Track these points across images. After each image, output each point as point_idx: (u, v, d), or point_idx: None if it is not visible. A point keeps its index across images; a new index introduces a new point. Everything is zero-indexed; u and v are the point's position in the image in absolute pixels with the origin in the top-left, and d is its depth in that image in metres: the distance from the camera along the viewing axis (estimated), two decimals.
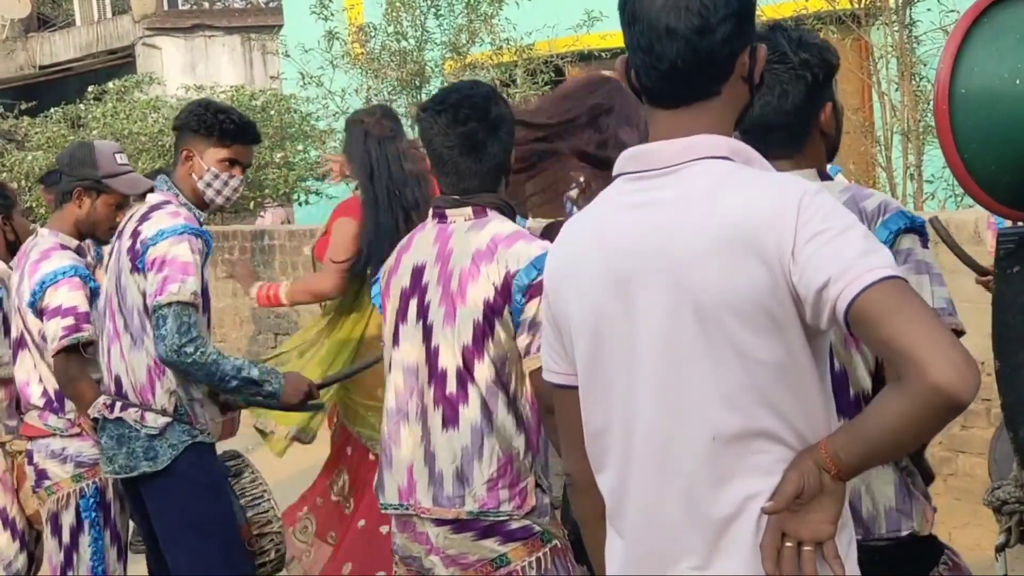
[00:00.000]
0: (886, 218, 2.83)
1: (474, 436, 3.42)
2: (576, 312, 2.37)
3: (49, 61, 21.89)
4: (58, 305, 4.78)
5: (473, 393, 3.42)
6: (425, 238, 3.57)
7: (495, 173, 3.52)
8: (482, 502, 3.41)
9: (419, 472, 3.49)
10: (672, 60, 2.25)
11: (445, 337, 3.45)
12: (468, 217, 3.50)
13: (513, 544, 3.43)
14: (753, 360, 2.17)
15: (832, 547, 2.15)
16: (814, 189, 2.19)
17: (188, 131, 4.60)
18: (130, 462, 4.48)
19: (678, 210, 2.24)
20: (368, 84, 12.12)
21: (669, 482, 2.25)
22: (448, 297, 3.46)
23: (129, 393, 4.49)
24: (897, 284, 2.07)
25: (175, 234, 4.40)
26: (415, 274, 3.55)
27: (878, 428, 2.09)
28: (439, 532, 3.47)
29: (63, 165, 5.05)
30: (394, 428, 3.56)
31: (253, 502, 4.66)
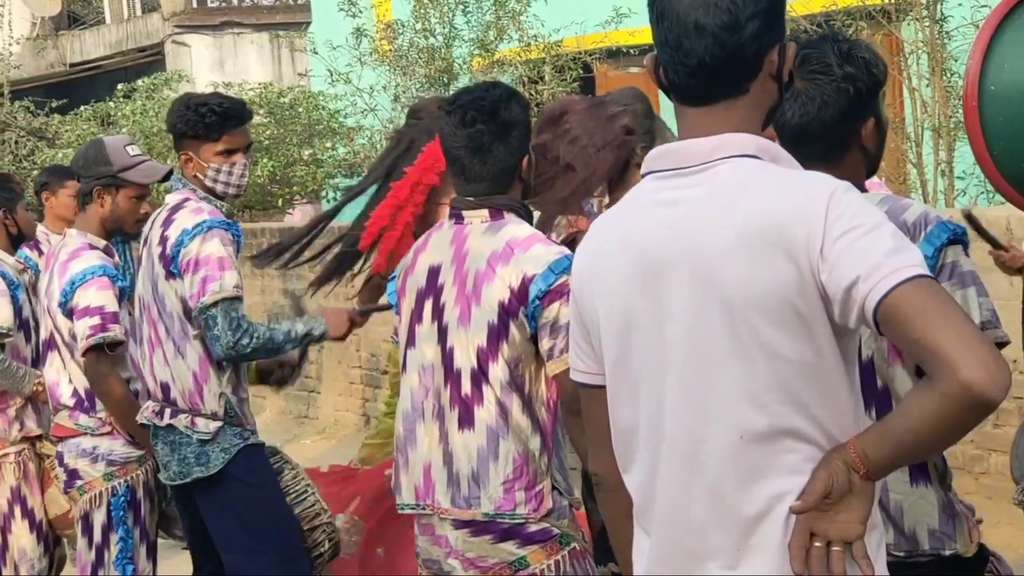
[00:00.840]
0: (929, 232, 2.80)
1: (490, 437, 3.42)
2: (604, 310, 2.37)
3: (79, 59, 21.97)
4: (87, 305, 4.79)
5: (488, 394, 3.42)
6: (442, 239, 3.57)
7: (504, 176, 3.50)
8: (498, 504, 3.41)
9: (437, 472, 3.49)
10: (700, 57, 2.25)
11: (460, 338, 3.45)
12: (485, 219, 3.49)
13: (532, 547, 3.42)
14: (781, 358, 2.16)
15: (861, 547, 2.14)
16: (843, 187, 2.18)
17: (179, 134, 4.61)
18: (183, 468, 4.50)
19: (706, 208, 2.23)
20: (396, 81, 12.12)
21: (697, 481, 2.24)
22: (463, 298, 3.46)
23: (178, 399, 4.50)
24: (926, 283, 2.06)
25: (202, 232, 4.41)
26: (431, 274, 3.54)
27: (908, 428, 2.08)
28: (458, 535, 3.47)
29: (78, 168, 5.05)
30: (410, 428, 3.56)
31: (298, 498, 4.67)
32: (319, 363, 10.66)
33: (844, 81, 2.87)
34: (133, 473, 4.91)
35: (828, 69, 2.88)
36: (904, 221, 2.80)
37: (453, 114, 3.49)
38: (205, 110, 4.56)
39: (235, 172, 4.61)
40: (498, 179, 3.50)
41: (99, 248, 4.95)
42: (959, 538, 2.89)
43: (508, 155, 3.48)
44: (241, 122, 4.66)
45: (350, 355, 10.27)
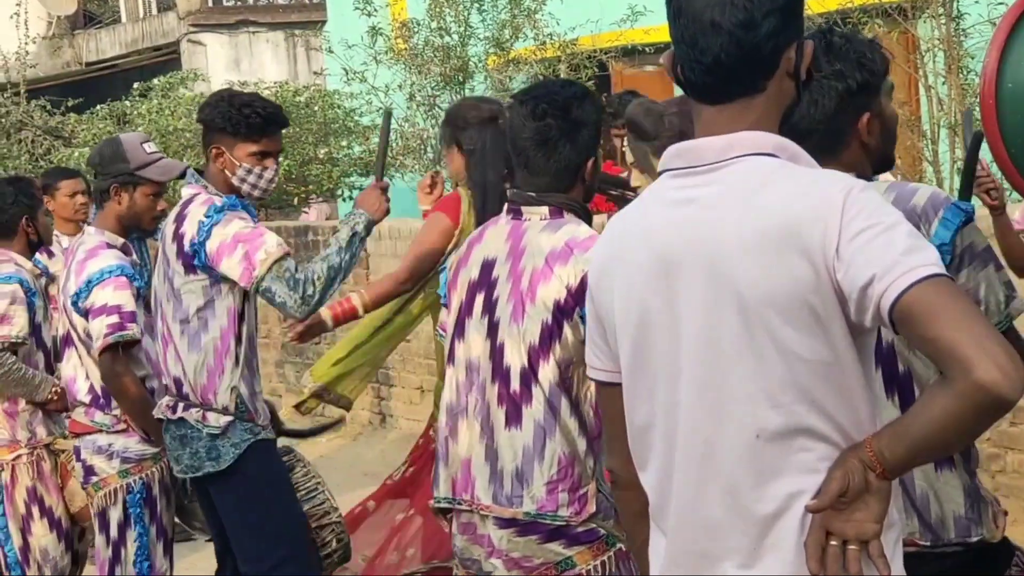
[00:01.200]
0: (942, 216, 2.79)
1: (536, 436, 3.38)
2: (620, 308, 2.37)
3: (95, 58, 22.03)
4: (104, 303, 4.80)
5: (537, 393, 3.38)
6: (497, 233, 3.53)
7: (567, 175, 3.45)
8: (540, 504, 3.37)
9: (478, 468, 3.46)
10: (716, 55, 2.24)
11: (511, 335, 3.42)
12: (544, 216, 3.45)
13: (578, 547, 3.39)
14: (796, 357, 2.16)
15: (878, 546, 2.13)
16: (860, 185, 2.18)
17: (215, 128, 4.59)
18: (194, 462, 4.51)
19: (722, 206, 2.23)
20: (411, 80, 12.13)
21: (712, 479, 2.24)
22: (518, 294, 3.42)
23: (190, 394, 4.51)
24: (942, 282, 2.06)
25: (219, 217, 4.41)
26: (484, 268, 3.51)
27: (924, 427, 2.08)
28: (503, 535, 3.43)
29: (95, 165, 5.05)
30: (452, 422, 3.53)
31: (308, 495, 4.68)
32: None
33: (833, 78, 2.86)
34: (148, 470, 4.92)
35: (815, 65, 2.87)
36: (914, 206, 2.81)
37: (524, 105, 3.44)
38: (249, 111, 4.55)
39: (265, 176, 4.61)
40: (560, 176, 3.45)
41: (116, 246, 4.96)
42: (984, 524, 2.89)
43: (574, 154, 3.43)
44: (281, 128, 4.68)
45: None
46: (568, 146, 3.42)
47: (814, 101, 2.85)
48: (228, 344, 4.48)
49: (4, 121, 17.79)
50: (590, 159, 3.46)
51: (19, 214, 5.53)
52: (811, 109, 2.85)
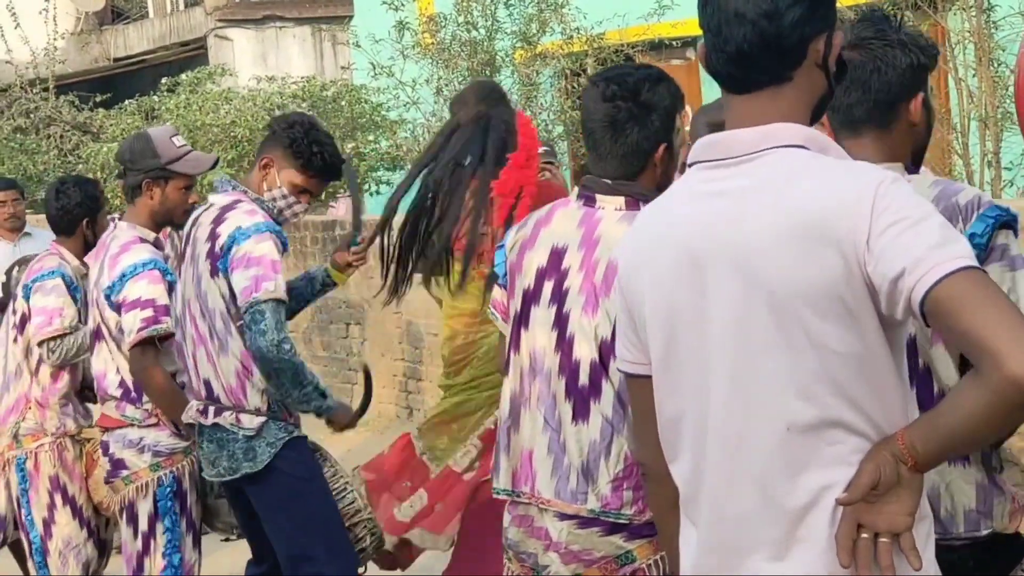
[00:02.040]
0: (983, 211, 2.77)
1: (604, 433, 3.29)
2: (650, 301, 2.36)
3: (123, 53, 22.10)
4: (137, 297, 4.81)
5: (607, 389, 3.29)
6: (568, 217, 3.40)
7: (635, 159, 3.31)
8: (605, 501, 3.30)
9: (540, 462, 3.38)
10: (739, 43, 2.24)
11: (582, 327, 3.31)
12: (620, 207, 3.33)
13: (640, 541, 3.31)
14: (827, 350, 2.15)
15: (909, 539, 2.13)
16: (891, 178, 2.17)
17: (279, 143, 4.62)
18: (232, 464, 4.53)
19: (752, 199, 2.22)
20: (438, 74, 12.14)
21: (743, 472, 2.24)
22: (590, 287, 3.31)
23: (221, 396, 4.52)
24: (973, 275, 2.05)
25: (258, 232, 4.43)
26: (554, 255, 3.39)
27: (955, 420, 2.07)
28: (563, 527, 3.36)
29: (125, 160, 5.05)
30: (515, 412, 3.45)
31: (338, 495, 4.69)
32: (361, 356, 10.69)
33: (898, 47, 2.85)
34: (179, 464, 4.94)
35: (883, 34, 2.86)
36: (956, 202, 2.78)
37: (596, 86, 3.34)
38: (319, 150, 4.63)
39: (296, 208, 4.67)
40: (628, 160, 3.32)
41: (149, 241, 4.97)
42: (996, 518, 2.86)
43: (642, 138, 3.30)
44: (335, 179, 4.79)
45: (393, 348, 10.30)
46: (637, 130, 3.29)
47: (877, 69, 2.84)
48: None
49: (33, 116, 17.89)
50: (661, 144, 3.32)
51: (81, 216, 5.59)
52: (872, 77, 2.84)
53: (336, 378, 11.05)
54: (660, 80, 3.33)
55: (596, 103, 3.32)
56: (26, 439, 5.47)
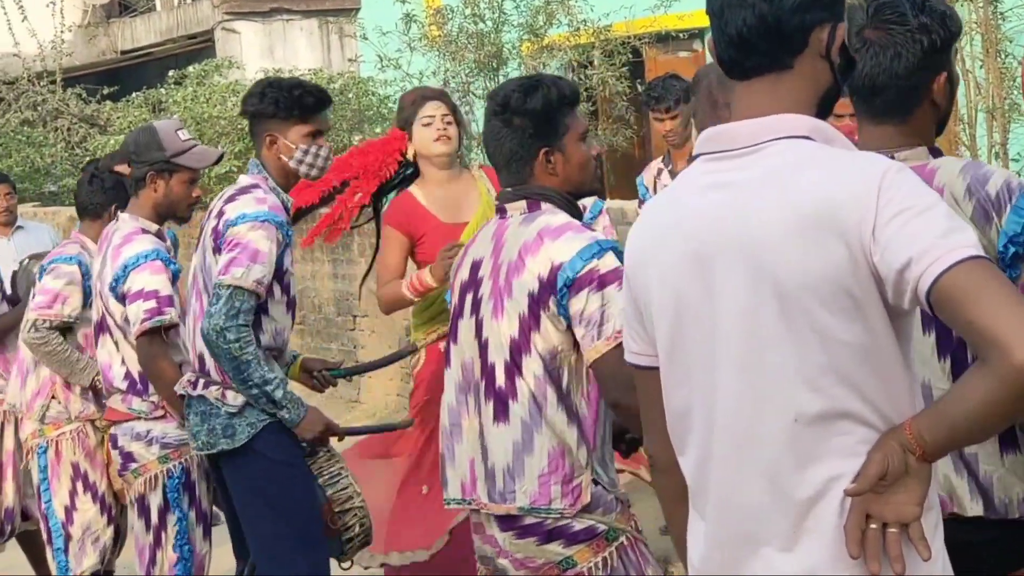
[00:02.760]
0: (1016, 203, 2.77)
1: (524, 431, 3.37)
2: (656, 293, 2.37)
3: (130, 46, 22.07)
4: (140, 288, 4.82)
5: (522, 387, 3.37)
6: (487, 233, 3.56)
7: (515, 166, 3.48)
8: (533, 497, 3.36)
9: (478, 467, 3.46)
10: (739, 26, 2.26)
11: (493, 331, 3.43)
12: (523, 211, 3.47)
13: (578, 546, 3.37)
14: (834, 341, 2.16)
15: (918, 529, 2.13)
16: (896, 167, 2.17)
17: (265, 115, 4.60)
18: (211, 439, 4.52)
19: (757, 191, 2.22)
20: (445, 66, 12.12)
21: (751, 463, 2.24)
22: (497, 291, 3.44)
23: (212, 371, 4.52)
24: (980, 264, 2.05)
25: (256, 220, 4.41)
26: (473, 268, 3.54)
27: (962, 410, 2.07)
28: (504, 537, 3.43)
29: (129, 153, 5.04)
30: (455, 423, 3.54)
31: (331, 480, 4.66)
32: (368, 348, 10.69)
33: (919, 32, 2.84)
34: (188, 455, 4.94)
35: (903, 19, 2.85)
36: (987, 193, 2.77)
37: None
38: (300, 92, 4.60)
39: (321, 154, 4.63)
40: (511, 168, 3.48)
41: (151, 232, 4.98)
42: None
43: (516, 144, 3.45)
44: (329, 106, 4.74)
45: (400, 341, 10.29)
46: (509, 138, 3.45)
47: (898, 55, 2.84)
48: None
49: (40, 109, 17.87)
50: (540, 148, 3.45)
51: (109, 202, 5.56)
52: (894, 63, 2.84)
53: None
54: (535, 88, 3.46)
55: (484, 123, 3.53)
56: (48, 428, 5.48)
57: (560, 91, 3.48)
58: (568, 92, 3.50)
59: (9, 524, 5.93)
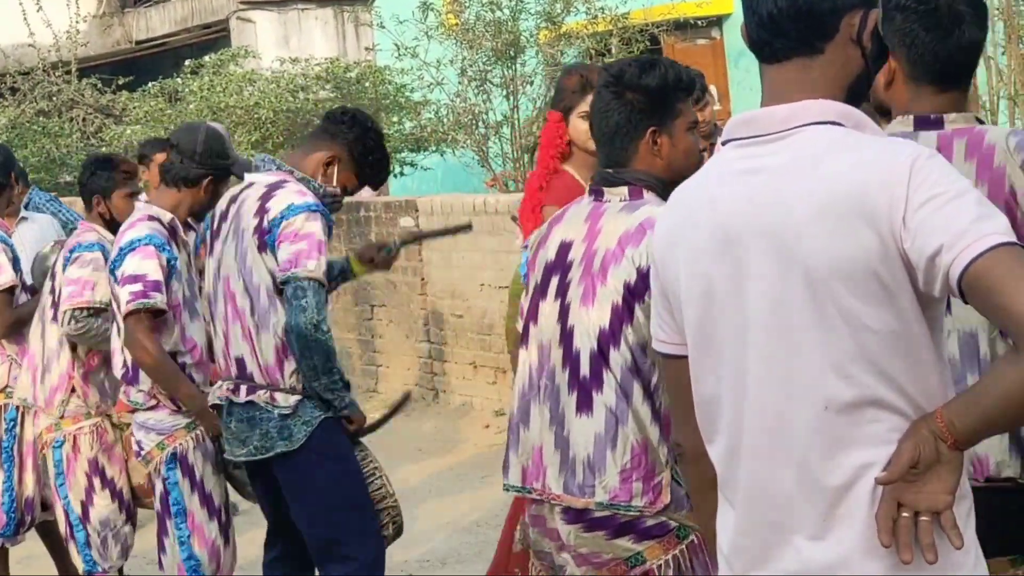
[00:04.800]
0: None
1: (608, 424, 3.28)
2: (685, 280, 2.35)
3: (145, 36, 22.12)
4: (130, 272, 4.83)
5: (608, 378, 3.28)
6: (578, 214, 3.45)
7: (618, 141, 3.37)
8: (613, 493, 3.27)
9: (549, 457, 3.37)
10: (770, 9, 2.24)
11: (581, 318, 3.33)
12: (623, 197, 3.36)
13: (648, 542, 3.30)
14: (864, 328, 2.14)
15: (950, 517, 2.11)
16: (927, 153, 2.15)
17: (347, 144, 4.65)
18: (265, 443, 4.51)
19: (787, 176, 2.21)
20: (463, 55, 12.12)
21: (781, 451, 2.22)
22: (589, 277, 3.34)
23: (255, 374, 4.50)
24: (1012, 251, 2.03)
25: (308, 210, 4.42)
26: (562, 249, 3.43)
27: (994, 398, 2.05)
28: (571, 530, 3.35)
29: (191, 152, 5.00)
30: (524, 408, 3.45)
31: (367, 479, 4.68)
32: (387, 338, 10.70)
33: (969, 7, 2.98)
34: (182, 439, 4.95)
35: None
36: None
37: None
38: (380, 166, 4.76)
39: (328, 199, 4.63)
40: (613, 143, 3.38)
41: (161, 220, 4.97)
42: None
43: (623, 119, 3.35)
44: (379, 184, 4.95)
45: (417, 330, 10.31)
46: (618, 111, 3.34)
47: (962, 31, 2.95)
48: None
49: (56, 99, 17.92)
50: (648, 127, 3.34)
51: (91, 191, 5.56)
52: (959, 37, 2.94)
53: (361, 360, 11.06)
54: (652, 66, 3.37)
55: (595, 97, 3.43)
56: (65, 421, 5.48)
57: (677, 75, 3.39)
58: (685, 78, 3.40)
59: (29, 515, 5.94)
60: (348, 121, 4.71)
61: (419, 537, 6.86)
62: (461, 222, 5.13)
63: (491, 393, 9.42)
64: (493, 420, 9.17)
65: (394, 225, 10.62)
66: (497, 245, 9.01)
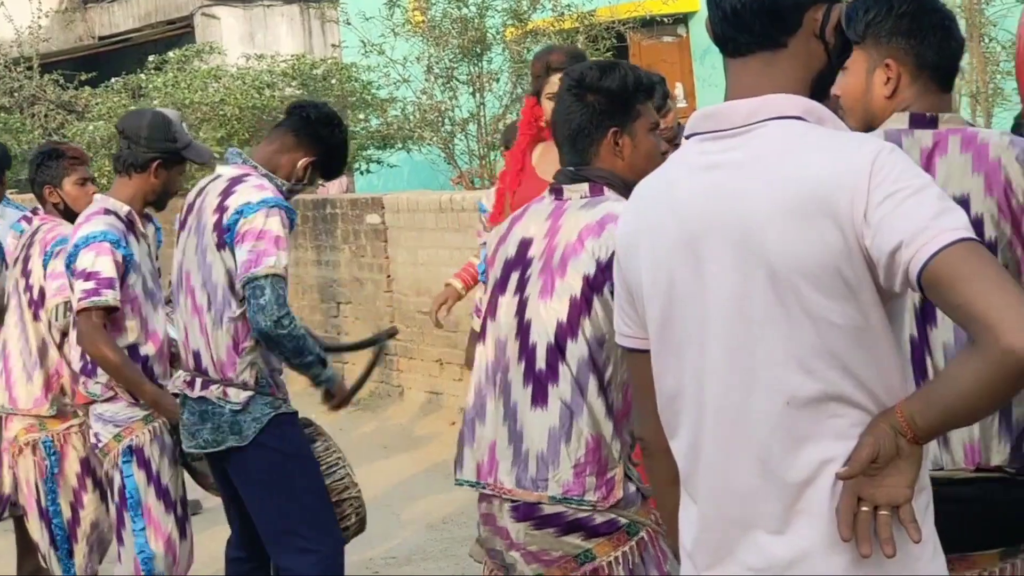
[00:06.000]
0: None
1: (562, 417, 3.27)
2: (648, 274, 2.35)
3: (108, 32, 22.00)
4: (83, 269, 4.80)
5: (564, 372, 3.28)
6: (539, 211, 3.46)
7: (579, 143, 3.40)
8: (567, 487, 3.26)
9: (502, 452, 3.36)
10: (733, 3, 2.26)
11: (538, 312, 3.33)
12: (584, 194, 3.38)
13: (597, 539, 3.29)
14: (826, 323, 2.15)
15: (909, 511, 2.12)
16: (888, 148, 2.16)
17: (313, 140, 4.66)
18: (216, 437, 4.52)
19: (750, 172, 2.21)
20: (429, 52, 12.10)
21: (743, 446, 2.23)
22: (548, 271, 3.35)
23: (209, 369, 4.52)
24: (971, 246, 2.04)
25: (265, 207, 4.41)
26: (522, 246, 3.44)
27: (953, 392, 2.07)
28: (519, 528, 3.34)
29: (137, 136, 4.98)
30: (479, 403, 3.45)
31: (329, 470, 4.69)
32: (352, 335, 10.68)
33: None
34: (139, 431, 4.93)
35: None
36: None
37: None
38: (342, 159, 4.80)
39: (303, 186, 4.70)
40: (575, 144, 3.40)
41: (118, 213, 4.93)
42: None
43: (585, 120, 3.38)
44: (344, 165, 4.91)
45: (383, 327, 10.27)
46: (579, 113, 3.37)
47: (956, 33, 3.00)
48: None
49: (17, 95, 17.81)
50: (610, 128, 3.36)
51: (41, 183, 5.52)
52: (953, 44, 2.97)
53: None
54: (612, 69, 3.41)
55: (557, 100, 3.45)
56: (51, 421, 5.44)
57: (638, 77, 3.42)
58: (645, 80, 3.43)
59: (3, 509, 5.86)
60: (326, 122, 4.72)
61: (384, 534, 6.85)
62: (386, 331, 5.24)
63: (457, 390, 9.41)
64: (459, 417, 9.12)
65: (360, 223, 10.60)
66: (462, 242, 9.00)
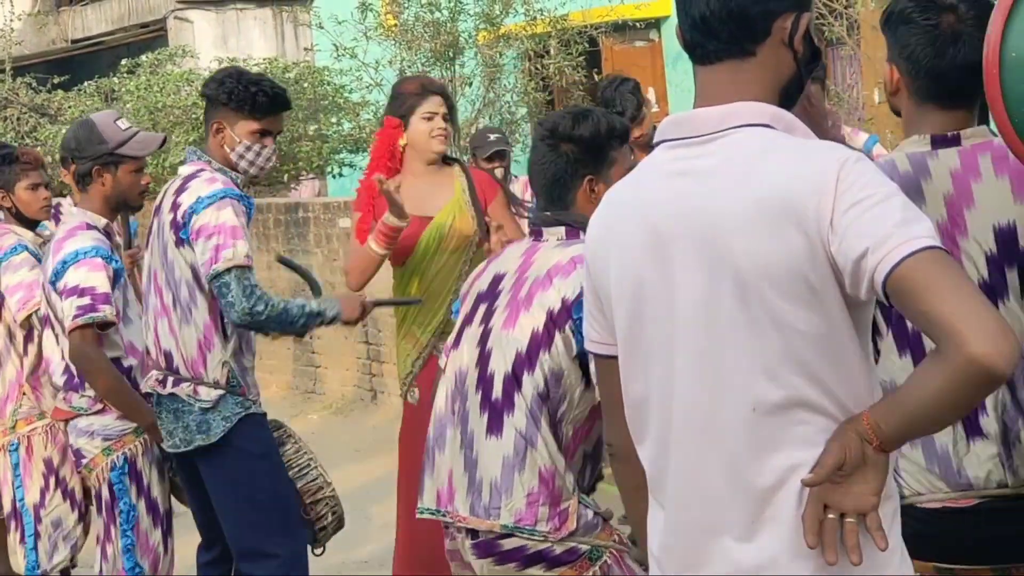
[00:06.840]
0: None
1: (517, 447, 3.31)
2: (615, 281, 2.36)
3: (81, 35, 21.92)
4: (75, 285, 4.73)
5: (519, 402, 3.32)
6: (516, 250, 3.55)
7: (556, 191, 3.46)
8: (519, 516, 3.30)
9: (458, 479, 3.40)
10: (702, 10, 2.26)
11: (500, 342, 3.39)
12: (560, 237, 3.45)
13: (560, 568, 3.31)
14: (792, 330, 2.15)
15: (875, 518, 2.13)
16: (855, 157, 2.17)
17: (218, 103, 4.59)
18: (186, 436, 4.52)
19: (718, 179, 2.22)
20: (401, 56, 12.09)
21: (710, 453, 2.24)
22: (515, 303, 3.41)
23: (180, 367, 4.51)
24: (936, 254, 2.05)
25: (216, 199, 4.40)
26: (494, 281, 3.51)
27: (919, 400, 2.08)
28: (483, 563, 3.37)
29: (70, 150, 4.94)
30: (440, 432, 3.49)
31: (301, 472, 4.68)
32: (325, 339, 10.65)
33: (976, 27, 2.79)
34: (131, 444, 4.89)
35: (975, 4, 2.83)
36: None
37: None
38: (256, 89, 4.58)
39: (263, 154, 4.63)
40: (552, 193, 3.46)
41: (97, 227, 4.90)
42: None
43: (559, 169, 3.44)
44: (285, 109, 4.73)
45: (355, 330, 10.26)
46: (554, 162, 3.43)
47: (959, 51, 2.80)
48: (217, 319, 4.47)
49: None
50: (585, 176, 3.42)
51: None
52: (962, 50, 2.79)
53: (299, 361, 11.01)
54: (585, 117, 3.45)
55: (531, 149, 3.53)
56: (19, 423, 5.41)
57: (611, 124, 3.46)
58: (618, 127, 3.48)
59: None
60: (205, 88, 4.70)
61: (358, 539, 6.83)
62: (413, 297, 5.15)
63: None
64: None
65: (333, 226, 10.58)
66: None
